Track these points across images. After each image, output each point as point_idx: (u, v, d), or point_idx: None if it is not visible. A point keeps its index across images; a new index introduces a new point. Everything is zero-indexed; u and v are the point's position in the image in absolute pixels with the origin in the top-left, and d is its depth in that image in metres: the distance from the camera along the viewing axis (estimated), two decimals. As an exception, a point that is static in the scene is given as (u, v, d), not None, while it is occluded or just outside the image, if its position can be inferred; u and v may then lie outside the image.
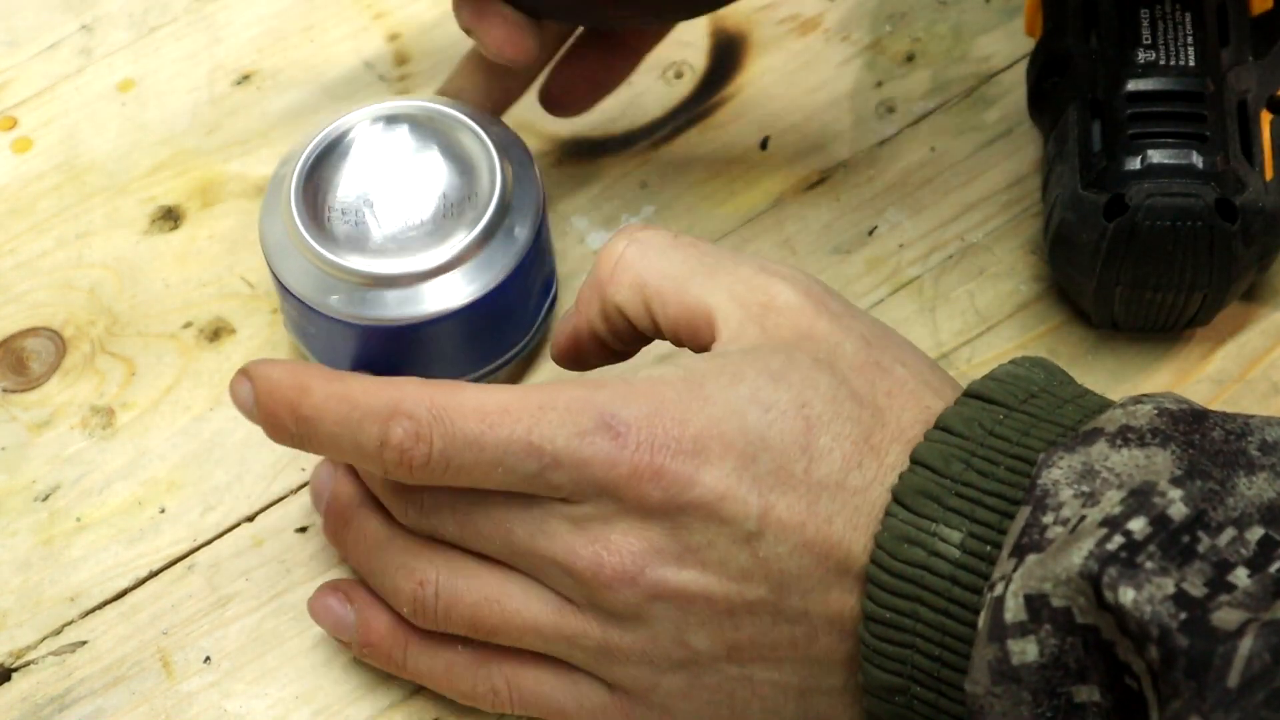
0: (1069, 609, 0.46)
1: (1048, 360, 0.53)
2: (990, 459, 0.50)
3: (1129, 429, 0.49)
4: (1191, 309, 0.61)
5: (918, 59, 0.70)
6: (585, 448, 0.50)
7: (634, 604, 0.52)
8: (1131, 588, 0.45)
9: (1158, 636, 0.44)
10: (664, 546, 0.51)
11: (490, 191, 0.59)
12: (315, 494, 0.58)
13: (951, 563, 0.49)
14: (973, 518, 0.49)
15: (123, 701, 0.58)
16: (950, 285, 0.65)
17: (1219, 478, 0.47)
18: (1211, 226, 0.58)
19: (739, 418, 0.51)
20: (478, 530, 0.53)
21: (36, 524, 0.61)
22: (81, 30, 0.71)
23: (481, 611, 0.53)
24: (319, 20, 0.72)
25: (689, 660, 0.52)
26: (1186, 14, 0.61)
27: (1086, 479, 0.48)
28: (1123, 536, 0.46)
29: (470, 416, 0.51)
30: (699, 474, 0.50)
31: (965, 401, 0.51)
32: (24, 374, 0.64)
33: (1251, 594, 0.45)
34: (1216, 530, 0.46)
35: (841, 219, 0.67)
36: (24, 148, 0.69)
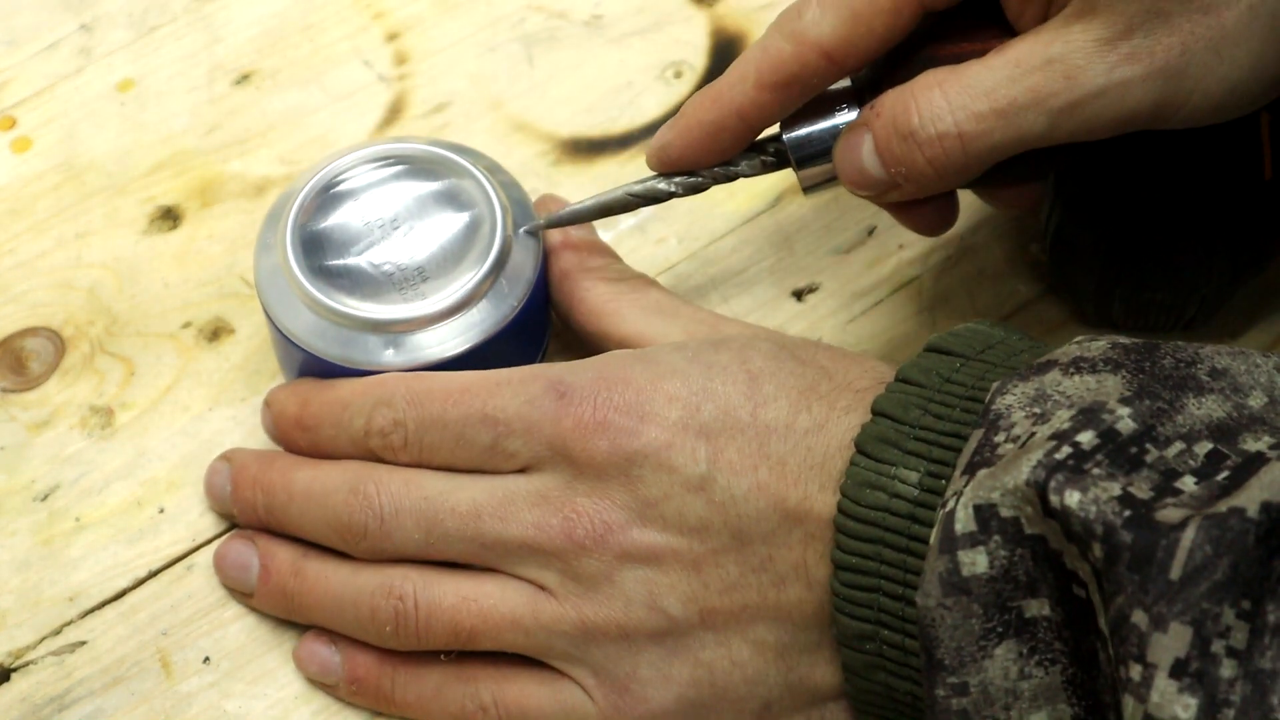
0: (1017, 519, 0.47)
1: (1006, 324, 0.54)
2: (946, 403, 0.51)
3: (1082, 359, 0.50)
4: (1191, 309, 0.61)
5: (917, 59, 0.70)
6: (533, 411, 0.54)
7: (605, 569, 0.53)
8: (1077, 490, 0.45)
9: (1101, 534, 0.45)
10: (625, 503, 0.53)
11: (490, 240, 0.58)
12: (235, 566, 0.59)
13: (910, 501, 0.50)
14: (929, 458, 0.50)
15: (122, 702, 0.58)
16: (949, 285, 0.65)
17: (1168, 399, 0.48)
18: (1211, 227, 0.58)
19: (682, 374, 0.54)
20: (444, 531, 0.54)
21: (36, 524, 0.61)
22: (81, 30, 0.71)
23: (460, 614, 0.54)
24: (319, 20, 0.72)
25: (665, 630, 0.53)
26: (1186, 14, 0.61)
27: (1039, 402, 0.49)
28: (1070, 447, 0.47)
29: (437, 398, 0.55)
30: (643, 425, 0.53)
31: (924, 354, 0.53)
32: (23, 374, 0.64)
33: (1197, 497, 0.45)
34: (1165, 443, 0.47)
35: (841, 219, 0.67)
36: (23, 147, 0.69)
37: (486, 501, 0.54)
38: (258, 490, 0.58)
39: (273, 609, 0.58)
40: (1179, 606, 0.43)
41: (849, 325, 0.64)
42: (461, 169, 0.59)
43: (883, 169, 0.55)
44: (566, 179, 0.68)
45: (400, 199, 0.59)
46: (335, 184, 0.59)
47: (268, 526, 0.58)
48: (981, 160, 0.53)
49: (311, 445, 0.58)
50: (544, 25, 0.71)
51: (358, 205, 0.59)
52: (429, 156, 0.60)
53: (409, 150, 0.60)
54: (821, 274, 0.65)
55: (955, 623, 0.48)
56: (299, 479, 0.57)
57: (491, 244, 0.58)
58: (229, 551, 0.59)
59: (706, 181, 0.59)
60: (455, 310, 0.57)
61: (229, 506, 0.59)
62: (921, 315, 0.64)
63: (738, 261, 0.66)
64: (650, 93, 0.70)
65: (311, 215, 0.59)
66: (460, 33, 0.71)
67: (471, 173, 0.59)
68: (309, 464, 0.57)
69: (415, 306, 0.57)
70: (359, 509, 0.55)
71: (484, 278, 0.58)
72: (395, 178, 0.60)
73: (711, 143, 0.58)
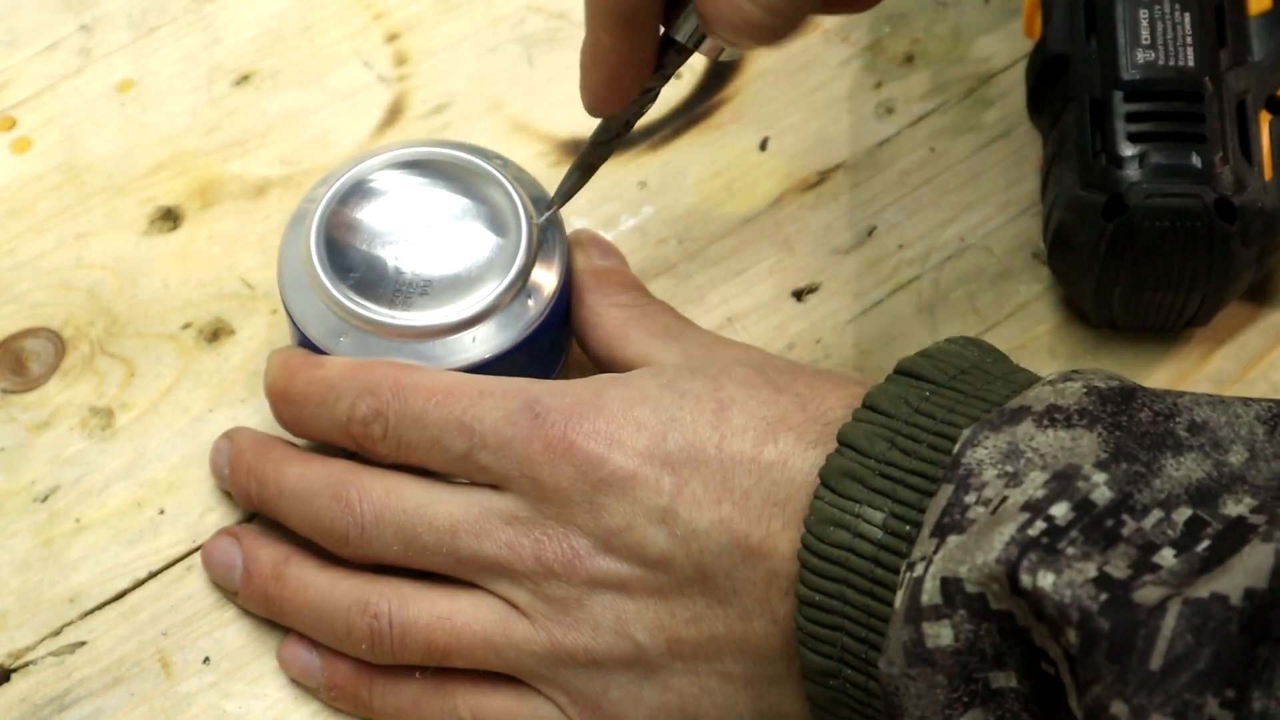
0: (983, 594, 0.46)
1: (984, 341, 0.54)
2: (914, 437, 0.50)
3: (1056, 408, 0.49)
4: (1191, 309, 0.61)
5: (917, 60, 0.70)
6: (508, 428, 0.54)
7: (575, 594, 0.53)
8: (1051, 572, 0.45)
9: (1077, 620, 0.44)
10: (591, 530, 0.53)
11: (515, 248, 0.58)
12: (220, 565, 0.59)
13: (874, 543, 0.49)
14: (894, 497, 0.49)
15: (122, 702, 0.58)
16: (949, 286, 0.65)
17: (1145, 460, 0.47)
18: (1210, 226, 0.58)
19: (653, 402, 0.53)
20: (422, 545, 0.54)
21: (36, 525, 0.61)
22: (81, 30, 0.71)
23: (435, 633, 0.54)
24: (319, 20, 0.72)
25: (634, 658, 0.53)
26: (1185, 14, 0.61)
27: (1010, 459, 0.48)
28: (1044, 522, 0.46)
29: (421, 395, 0.55)
30: (610, 452, 0.53)
31: (894, 378, 0.52)
32: (23, 375, 0.64)
33: (1177, 573, 0.44)
34: (1142, 513, 0.46)
35: (841, 219, 0.67)
36: (23, 148, 0.69)
37: (463, 518, 0.54)
38: (251, 478, 0.58)
39: (257, 610, 0.59)
40: (1160, 698, 0.42)
41: (849, 325, 0.64)
42: (487, 174, 0.59)
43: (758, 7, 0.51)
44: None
45: (427, 205, 0.59)
46: (361, 188, 0.59)
47: (260, 513, 0.59)
48: None
49: (295, 420, 0.58)
50: (544, 25, 0.71)
51: (383, 210, 0.59)
52: (457, 162, 0.59)
53: (437, 155, 0.60)
54: (821, 274, 0.65)
55: (920, 692, 0.47)
56: (288, 474, 0.57)
57: (515, 256, 0.58)
58: (215, 549, 0.59)
59: (648, 98, 0.57)
60: (475, 321, 0.57)
61: (228, 486, 0.60)
62: (921, 315, 0.64)
63: (738, 262, 0.66)
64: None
65: (337, 219, 0.58)
66: (460, 33, 0.71)
67: (497, 179, 0.59)
68: (299, 458, 0.58)
69: (435, 314, 0.57)
70: (340, 516, 0.55)
71: (505, 290, 0.57)
72: (422, 183, 0.59)
73: (620, 89, 0.56)
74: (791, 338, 0.64)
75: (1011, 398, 0.50)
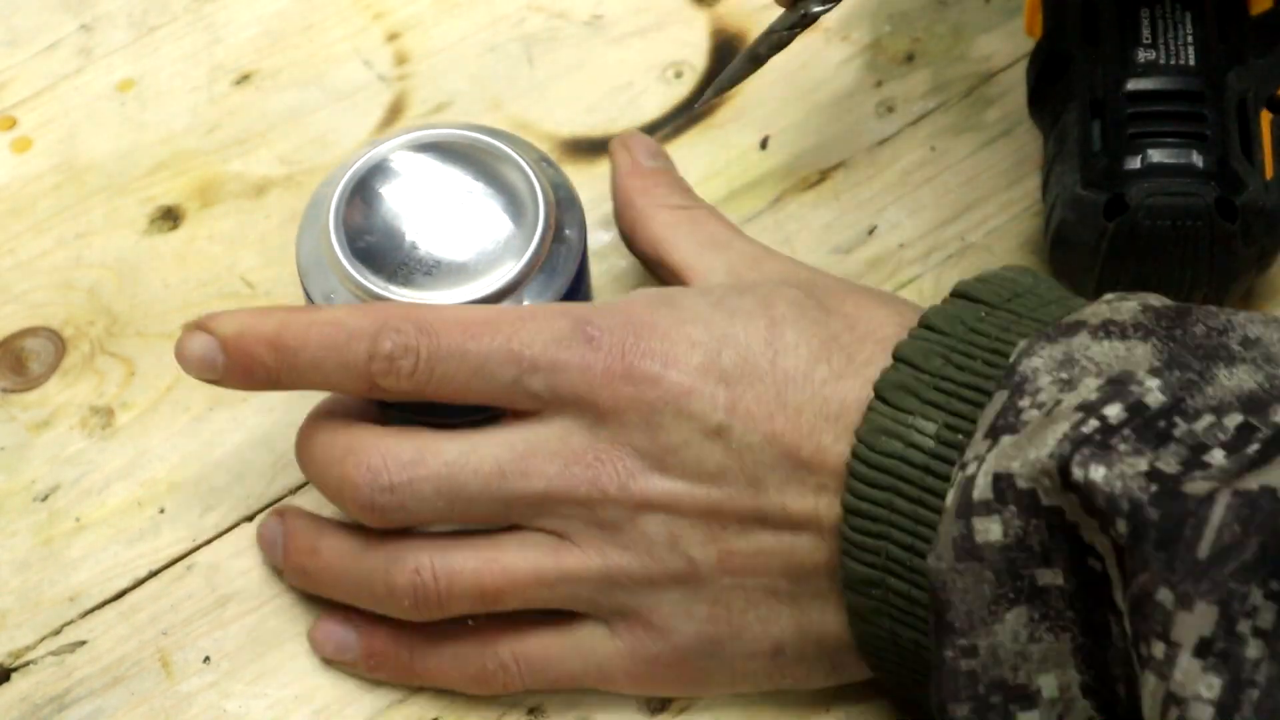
0: (1034, 490, 0.47)
1: (1037, 271, 0.54)
2: (969, 353, 0.51)
3: (1112, 322, 0.49)
4: (1191, 309, 0.61)
5: (917, 59, 0.70)
6: (562, 351, 0.53)
7: (628, 515, 0.53)
8: (1103, 465, 0.45)
9: (1127, 510, 0.44)
10: (646, 449, 0.53)
11: (533, 229, 0.58)
12: (268, 544, 0.59)
13: (926, 452, 0.50)
14: (948, 409, 0.50)
15: (122, 702, 0.58)
16: (950, 285, 0.65)
17: (1198, 369, 0.48)
18: (1211, 226, 0.58)
19: (704, 320, 0.53)
20: (467, 495, 0.53)
21: (36, 524, 0.61)
22: (81, 30, 0.71)
23: (483, 576, 0.54)
24: (319, 20, 0.72)
25: (686, 572, 0.53)
26: (1186, 14, 0.61)
27: (1066, 367, 0.48)
28: (1097, 420, 0.46)
29: (454, 329, 0.53)
30: (666, 370, 0.53)
31: (950, 300, 0.53)
32: (23, 374, 0.64)
33: (1227, 470, 0.45)
34: (1194, 416, 0.46)
35: (841, 219, 0.67)
36: (23, 147, 0.69)
37: (508, 458, 0.53)
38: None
39: (301, 586, 0.59)
40: (1205, 585, 0.43)
41: (849, 325, 0.64)
42: (504, 155, 0.59)
43: None
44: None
45: (443, 186, 0.59)
46: (378, 170, 0.59)
47: None
48: None
49: (285, 367, 0.54)
50: (544, 25, 0.71)
51: (401, 193, 0.59)
52: (472, 143, 0.59)
53: (451, 137, 0.59)
54: (822, 274, 0.65)
55: (967, 587, 0.48)
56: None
57: (535, 231, 0.58)
58: (264, 528, 0.59)
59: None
60: (499, 298, 0.57)
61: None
62: (922, 315, 0.64)
63: (738, 261, 0.66)
64: (650, 93, 0.70)
65: (354, 202, 0.58)
66: (460, 33, 0.71)
67: (514, 159, 0.59)
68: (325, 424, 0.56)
69: (460, 293, 0.57)
70: (369, 482, 0.53)
71: (527, 264, 0.57)
72: (437, 164, 0.59)
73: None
74: (792, 337, 0.64)
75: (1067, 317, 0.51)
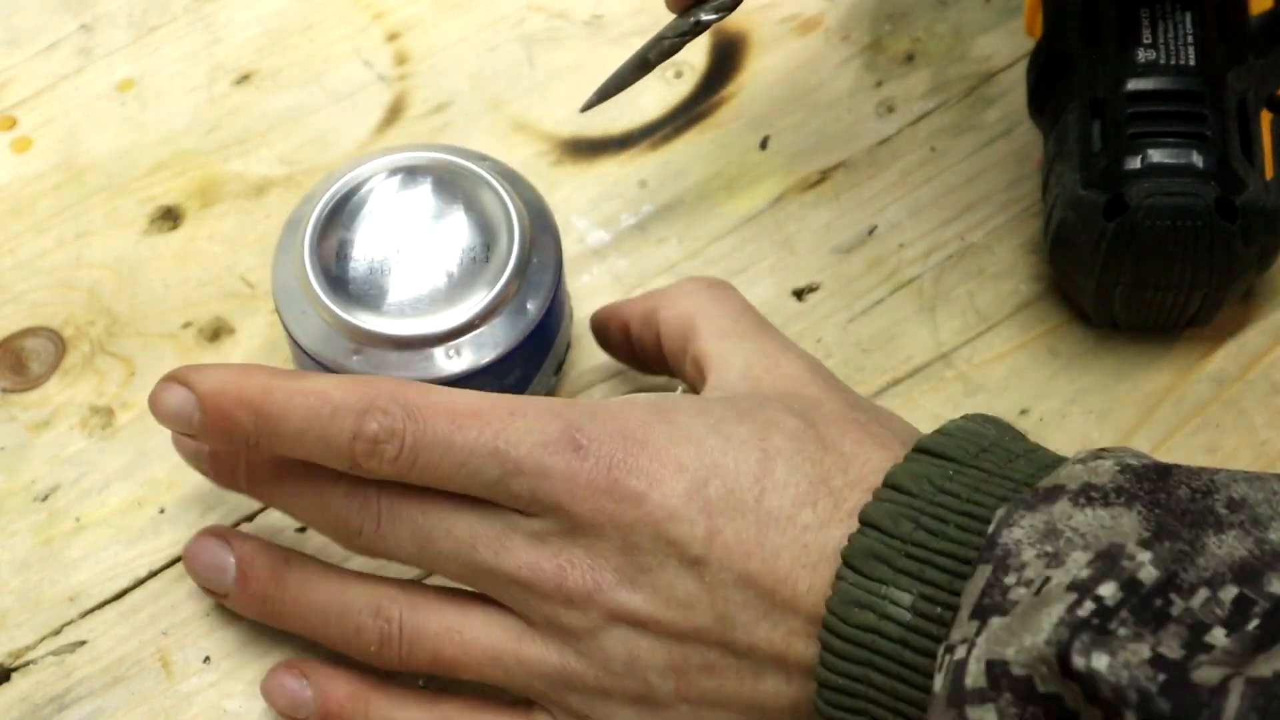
0: (1030, 677, 0.45)
1: (998, 418, 0.53)
2: (940, 517, 0.49)
3: (1092, 486, 0.48)
4: (1191, 308, 0.61)
5: (918, 59, 0.70)
6: (548, 457, 0.52)
7: (591, 625, 0.52)
8: (1105, 654, 0.44)
9: (1137, 702, 0.43)
10: (620, 565, 0.52)
11: (508, 253, 0.58)
12: (209, 567, 0.57)
13: (903, 625, 0.49)
14: (923, 578, 0.49)
15: (122, 702, 0.58)
16: (950, 285, 0.65)
17: (1188, 538, 0.46)
18: (1211, 226, 0.58)
19: (697, 443, 0.52)
20: (437, 550, 0.53)
21: (36, 524, 0.61)
22: (81, 30, 0.71)
23: (444, 643, 0.54)
24: (319, 20, 0.72)
25: (642, 694, 0.52)
26: (1186, 14, 0.61)
27: (1049, 539, 0.47)
28: (1094, 602, 0.45)
29: (442, 417, 0.52)
30: (650, 491, 0.51)
31: (914, 457, 0.51)
32: (23, 374, 0.64)
33: (1231, 651, 0.44)
34: (1189, 592, 0.45)
35: (841, 219, 0.67)
36: (23, 147, 0.69)
37: (485, 531, 0.53)
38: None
39: (250, 614, 0.58)
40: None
41: (849, 325, 0.64)
42: (478, 178, 0.59)
43: None
44: (567, 179, 0.67)
45: (417, 211, 0.59)
46: (353, 195, 0.59)
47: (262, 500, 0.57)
48: None
49: (266, 433, 0.53)
50: (544, 25, 0.71)
51: (375, 218, 0.59)
52: (446, 166, 0.59)
53: (426, 160, 0.60)
54: (822, 274, 0.65)
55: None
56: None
57: (510, 255, 0.58)
58: (201, 551, 0.57)
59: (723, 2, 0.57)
60: (475, 324, 0.57)
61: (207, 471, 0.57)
62: (922, 314, 0.64)
63: (738, 261, 0.66)
64: (650, 93, 0.70)
65: (329, 228, 0.58)
66: (460, 33, 0.71)
67: (489, 182, 0.59)
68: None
69: (435, 320, 0.57)
70: (357, 509, 0.54)
71: (502, 289, 0.57)
72: (412, 189, 0.59)
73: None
74: (792, 337, 0.64)
75: (1035, 476, 0.50)
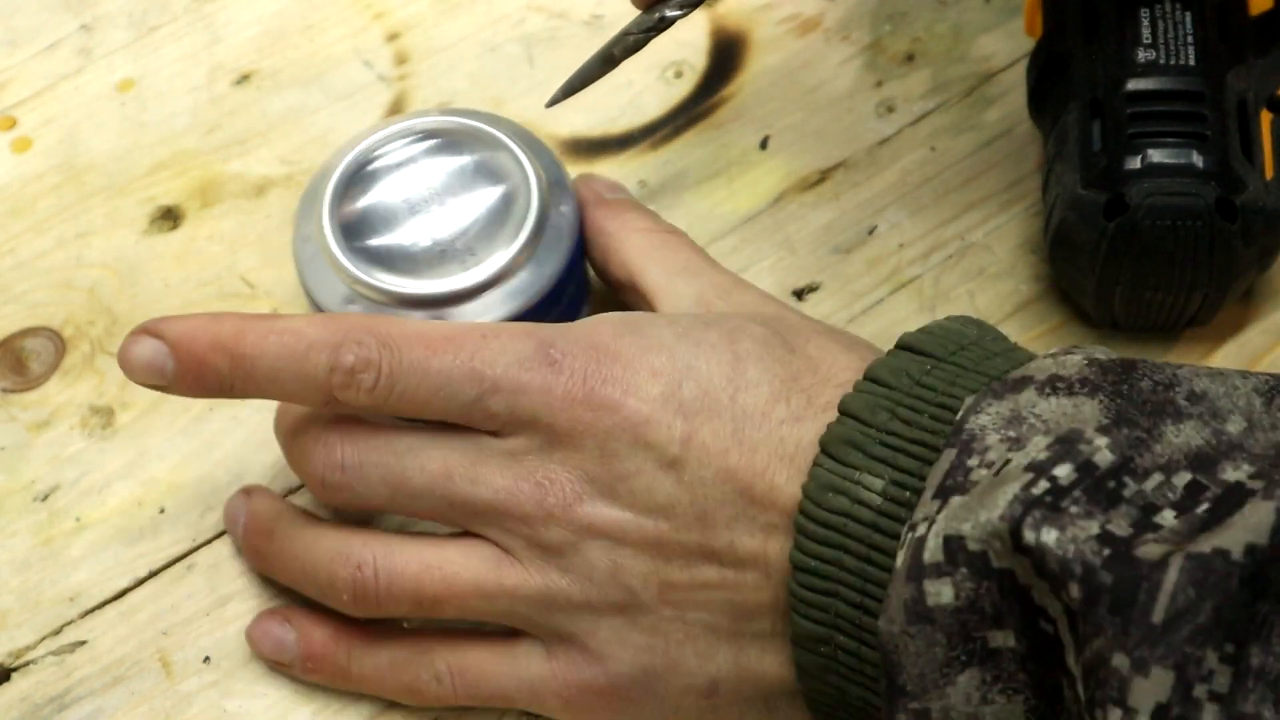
0: (985, 552, 0.46)
1: (981, 319, 0.54)
2: (915, 408, 0.50)
3: (1058, 378, 0.49)
4: (1191, 309, 0.61)
5: (918, 59, 0.70)
6: (523, 373, 0.53)
7: (571, 539, 0.53)
8: (1055, 529, 0.45)
9: (1080, 574, 0.44)
10: (597, 475, 0.53)
11: (526, 211, 0.58)
12: (232, 521, 0.59)
13: (873, 509, 0.50)
14: (895, 465, 0.50)
15: (122, 701, 0.58)
16: (950, 285, 0.65)
17: (1146, 426, 0.47)
18: (1211, 226, 0.58)
19: (668, 350, 0.53)
20: (412, 490, 0.54)
21: (36, 524, 0.61)
22: (81, 30, 0.71)
23: (423, 581, 0.54)
24: (319, 20, 0.72)
25: (625, 602, 0.53)
26: (1186, 14, 0.61)
27: (1013, 424, 0.48)
28: (1048, 481, 0.46)
29: (416, 344, 0.53)
30: (625, 398, 0.52)
31: (895, 353, 0.52)
32: (23, 374, 0.64)
33: (1178, 532, 0.45)
34: (1143, 476, 0.46)
35: (841, 219, 0.67)
36: (23, 147, 0.69)
37: (459, 462, 0.53)
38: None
39: (255, 566, 0.59)
40: (1161, 650, 0.43)
41: (849, 325, 0.64)
42: (494, 140, 0.59)
43: None
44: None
45: (434, 173, 0.59)
46: (370, 161, 0.59)
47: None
48: None
49: (241, 375, 0.53)
50: (544, 25, 0.71)
51: (393, 181, 0.59)
52: (461, 129, 0.60)
53: (441, 124, 0.60)
54: (821, 274, 0.65)
55: (919, 650, 0.47)
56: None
57: (528, 213, 0.58)
58: (229, 506, 0.59)
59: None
60: (495, 282, 0.57)
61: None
62: (922, 315, 0.64)
63: (738, 261, 0.66)
64: (650, 93, 0.70)
65: (347, 193, 0.59)
66: (460, 33, 0.71)
67: (504, 143, 0.59)
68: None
69: (455, 280, 0.57)
70: (323, 458, 0.54)
71: (522, 247, 0.58)
72: (428, 152, 0.59)
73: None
74: (792, 337, 0.64)
75: (1010, 371, 0.51)
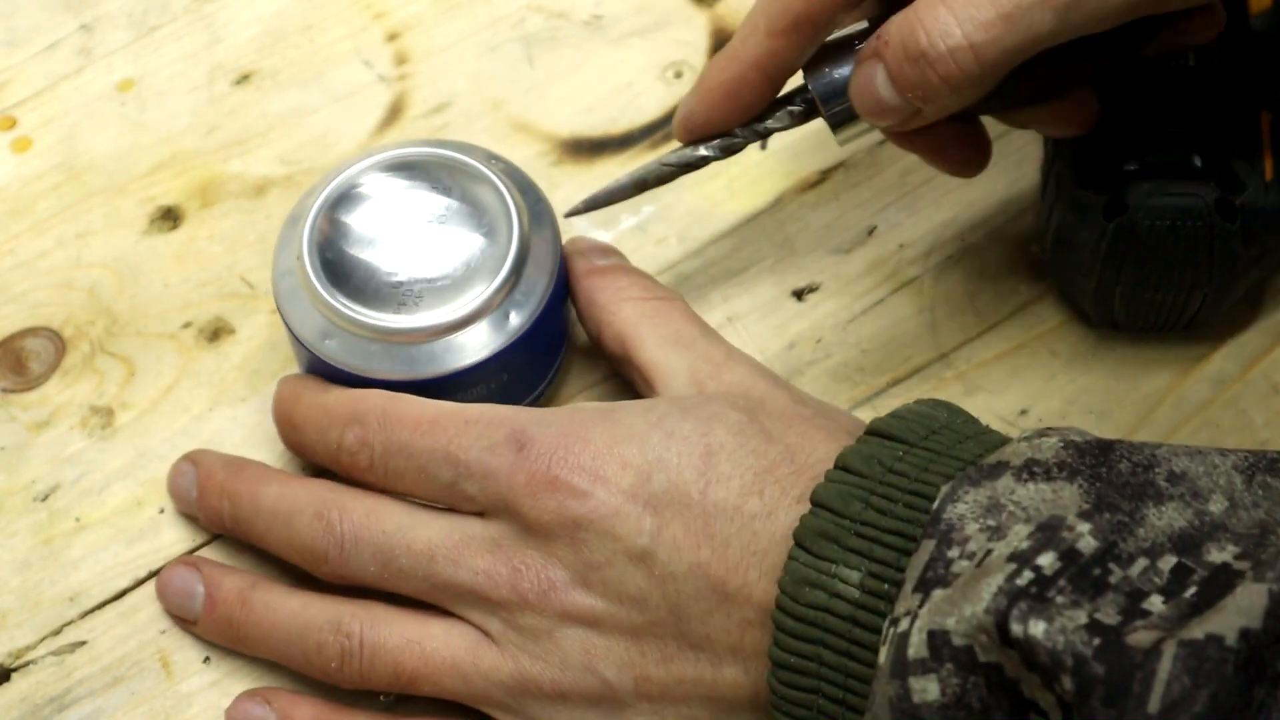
0: (971, 647, 0.45)
1: (951, 403, 0.53)
2: (889, 496, 0.50)
3: (1035, 462, 0.48)
4: (1191, 309, 0.61)
5: (917, 59, 0.70)
6: (492, 458, 0.54)
7: (546, 626, 0.53)
8: (1043, 620, 0.44)
9: (1072, 666, 0.43)
10: (571, 563, 0.53)
11: (507, 246, 0.58)
12: (179, 594, 0.58)
13: (851, 603, 0.49)
14: (871, 556, 0.49)
15: (122, 702, 0.58)
16: (950, 285, 0.65)
17: (1128, 509, 0.47)
18: (1211, 226, 0.58)
19: (640, 440, 0.53)
20: (399, 568, 0.55)
21: (36, 524, 0.61)
22: (81, 30, 0.71)
23: (404, 656, 0.54)
24: (319, 20, 0.72)
25: (601, 695, 0.53)
26: (1186, 14, 0.61)
27: (992, 513, 0.47)
28: (1032, 571, 0.45)
29: (407, 425, 0.55)
30: (593, 488, 0.53)
31: (865, 439, 0.51)
32: (23, 374, 0.64)
33: (1167, 617, 0.44)
34: (1128, 561, 0.45)
35: (841, 219, 0.67)
36: (23, 147, 0.69)
37: (442, 544, 0.54)
38: (224, 499, 0.58)
39: (218, 638, 0.58)
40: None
41: (849, 325, 0.64)
42: (478, 174, 0.59)
43: (899, 96, 0.54)
44: (567, 179, 0.68)
45: (417, 207, 0.59)
46: (349, 193, 0.59)
47: (232, 535, 0.59)
48: (997, 67, 0.52)
49: (297, 445, 0.59)
50: (544, 25, 0.71)
51: (372, 214, 0.59)
52: (445, 162, 0.59)
53: (425, 155, 0.60)
54: (822, 274, 0.65)
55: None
56: (267, 494, 0.57)
57: (507, 254, 0.58)
58: (172, 578, 0.59)
59: (739, 141, 0.59)
60: (471, 320, 0.57)
61: (194, 509, 0.59)
62: (922, 315, 0.64)
63: (738, 261, 0.66)
64: (650, 93, 0.70)
65: (327, 226, 0.58)
66: (460, 33, 0.71)
67: (488, 178, 0.59)
68: (277, 478, 0.58)
69: (436, 314, 0.57)
70: (321, 535, 0.55)
71: (499, 287, 0.57)
72: (412, 185, 0.59)
73: (734, 101, 0.57)
74: (792, 337, 0.64)
75: (983, 456, 0.50)
